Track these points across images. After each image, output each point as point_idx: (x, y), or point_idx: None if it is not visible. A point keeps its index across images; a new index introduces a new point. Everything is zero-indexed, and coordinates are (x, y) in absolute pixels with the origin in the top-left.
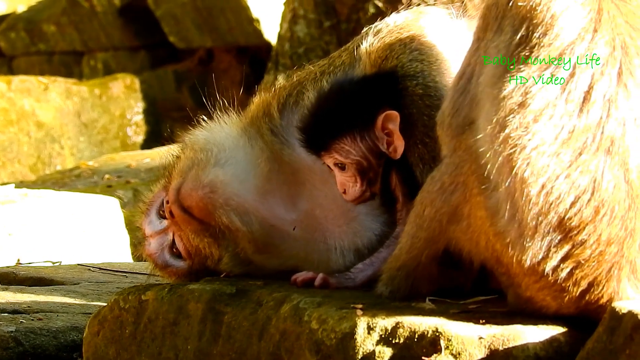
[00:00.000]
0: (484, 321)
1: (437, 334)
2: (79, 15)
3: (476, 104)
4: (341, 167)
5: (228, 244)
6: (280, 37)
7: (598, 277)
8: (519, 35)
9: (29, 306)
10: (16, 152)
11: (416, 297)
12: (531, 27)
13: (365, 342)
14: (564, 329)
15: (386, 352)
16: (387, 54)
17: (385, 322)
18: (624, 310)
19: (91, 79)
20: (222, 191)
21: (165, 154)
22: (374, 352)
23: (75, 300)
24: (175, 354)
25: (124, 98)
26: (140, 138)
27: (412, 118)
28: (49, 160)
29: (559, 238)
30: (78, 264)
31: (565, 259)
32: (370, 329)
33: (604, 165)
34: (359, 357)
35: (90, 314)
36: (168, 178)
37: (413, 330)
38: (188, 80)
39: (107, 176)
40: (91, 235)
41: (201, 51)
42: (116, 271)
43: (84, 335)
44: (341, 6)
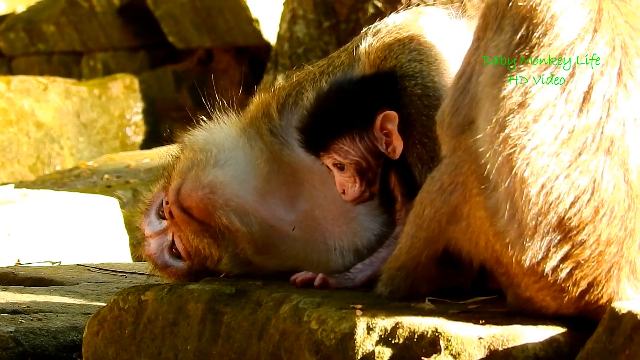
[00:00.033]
0: (483, 321)
1: (437, 334)
2: (78, 15)
3: (476, 103)
4: (340, 167)
5: (228, 245)
6: (279, 37)
7: (598, 278)
8: (519, 35)
9: (28, 306)
10: (15, 152)
11: (416, 297)
12: (531, 27)
13: (365, 342)
14: (564, 329)
15: (386, 353)
16: (386, 54)
17: (384, 323)
18: (624, 311)
19: (90, 79)
20: (221, 192)
21: (165, 154)
22: (373, 352)
23: (75, 301)
24: (175, 354)
25: (123, 98)
26: (139, 138)
27: (410, 118)
28: (49, 160)
29: (558, 238)
30: (77, 264)
31: (564, 259)
32: (369, 329)
33: (603, 165)
34: (359, 357)
35: (89, 314)
36: (167, 178)
37: (412, 330)
38: (187, 81)
39: (106, 176)
40: (91, 236)
41: (200, 51)
42: (116, 271)
43: (84, 336)
44: (340, 6)
